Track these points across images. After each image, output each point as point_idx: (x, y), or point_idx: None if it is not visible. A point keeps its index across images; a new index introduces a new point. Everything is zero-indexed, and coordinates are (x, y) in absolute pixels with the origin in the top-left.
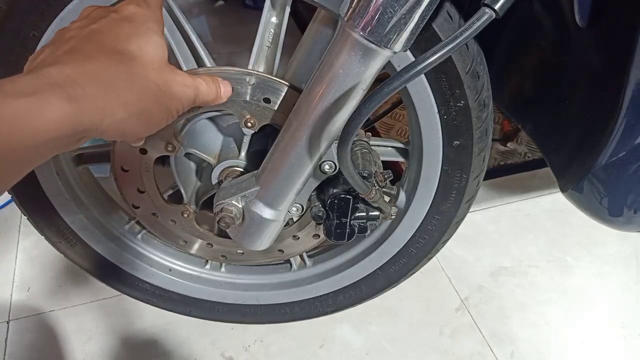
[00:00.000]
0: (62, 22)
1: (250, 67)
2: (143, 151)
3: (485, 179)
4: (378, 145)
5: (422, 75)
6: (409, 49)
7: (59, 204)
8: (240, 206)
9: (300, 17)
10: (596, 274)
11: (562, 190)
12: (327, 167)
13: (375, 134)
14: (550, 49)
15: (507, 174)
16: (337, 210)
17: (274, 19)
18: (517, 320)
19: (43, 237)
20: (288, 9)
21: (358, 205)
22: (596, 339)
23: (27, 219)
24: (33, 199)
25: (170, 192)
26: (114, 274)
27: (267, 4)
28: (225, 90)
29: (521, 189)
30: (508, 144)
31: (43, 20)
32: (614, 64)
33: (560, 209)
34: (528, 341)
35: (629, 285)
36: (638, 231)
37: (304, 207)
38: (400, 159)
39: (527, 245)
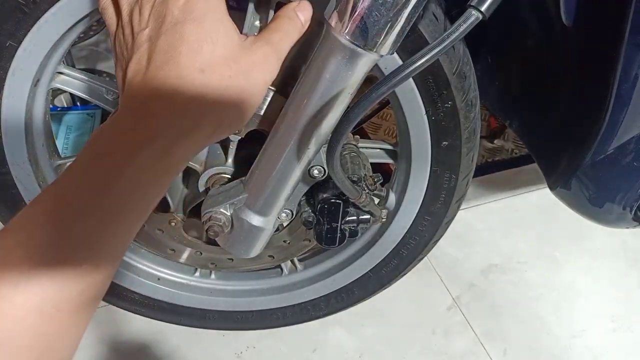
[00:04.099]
0: (39, 30)
1: None
2: None
3: (473, 176)
4: (366, 148)
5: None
6: (395, 51)
7: None
8: (228, 214)
9: None
10: (585, 268)
11: (551, 188)
12: (316, 172)
13: (363, 134)
14: (536, 47)
15: (494, 171)
16: (328, 215)
17: (257, 23)
18: (508, 317)
19: None
20: (272, 13)
21: (348, 209)
22: (587, 334)
23: None
24: (15, 211)
25: None
26: None
27: (251, 7)
28: (304, 18)
29: (509, 185)
30: (495, 141)
31: (19, 29)
32: (601, 62)
33: (548, 204)
34: (520, 338)
35: (618, 279)
36: (627, 228)
37: (294, 213)
38: (389, 161)
39: (517, 242)
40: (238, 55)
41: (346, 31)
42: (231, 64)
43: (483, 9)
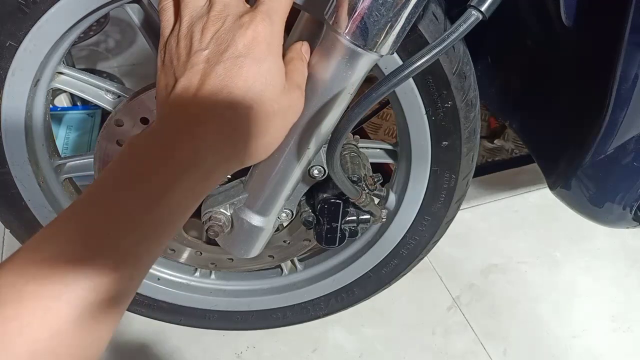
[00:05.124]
0: (39, 30)
1: None
2: None
3: (473, 176)
4: (366, 148)
5: None
6: (395, 51)
7: (43, 216)
8: (228, 214)
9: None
10: (585, 268)
11: (551, 188)
12: (316, 172)
13: (363, 134)
14: (536, 47)
15: (494, 171)
16: (327, 215)
17: None
18: (508, 317)
19: None
20: None
21: (348, 209)
22: (587, 333)
23: (10, 232)
24: (15, 211)
25: None
26: None
27: None
28: (308, 56)
29: (509, 185)
30: (495, 141)
31: (19, 29)
32: (601, 62)
33: (548, 204)
34: (520, 338)
35: (618, 279)
36: (627, 227)
37: (294, 213)
38: (389, 161)
39: (517, 242)
40: (280, 97)
41: (346, 31)
42: (274, 104)
43: (483, 9)
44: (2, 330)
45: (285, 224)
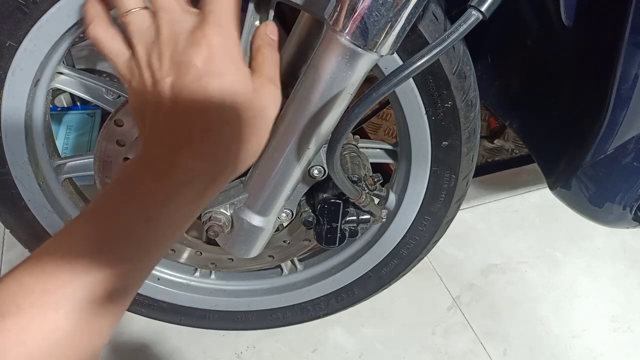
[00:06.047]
0: (39, 30)
1: None
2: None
3: (473, 176)
4: (366, 148)
5: None
6: (395, 51)
7: (43, 216)
8: (228, 214)
9: (285, 20)
10: (585, 268)
11: (551, 188)
12: (315, 172)
13: (363, 134)
14: (536, 47)
15: (494, 171)
16: (327, 215)
17: (257, 23)
18: (508, 318)
19: (28, 250)
20: (272, 12)
21: (348, 209)
22: (587, 333)
23: (10, 232)
24: (15, 211)
25: None
26: None
27: (251, 7)
28: (276, 37)
29: (509, 185)
30: (495, 141)
31: (19, 29)
32: (601, 62)
33: (548, 204)
34: (520, 338)
35: (618, 279)
36: (627, 228)
37: (294, 213)
38: (389, 161)
39: (517, 242)
40: (253, 100)
41: (346, 31)
42: (247, 112)
43: (483, 9)
44: (1, 340)
45: (285, 224)
